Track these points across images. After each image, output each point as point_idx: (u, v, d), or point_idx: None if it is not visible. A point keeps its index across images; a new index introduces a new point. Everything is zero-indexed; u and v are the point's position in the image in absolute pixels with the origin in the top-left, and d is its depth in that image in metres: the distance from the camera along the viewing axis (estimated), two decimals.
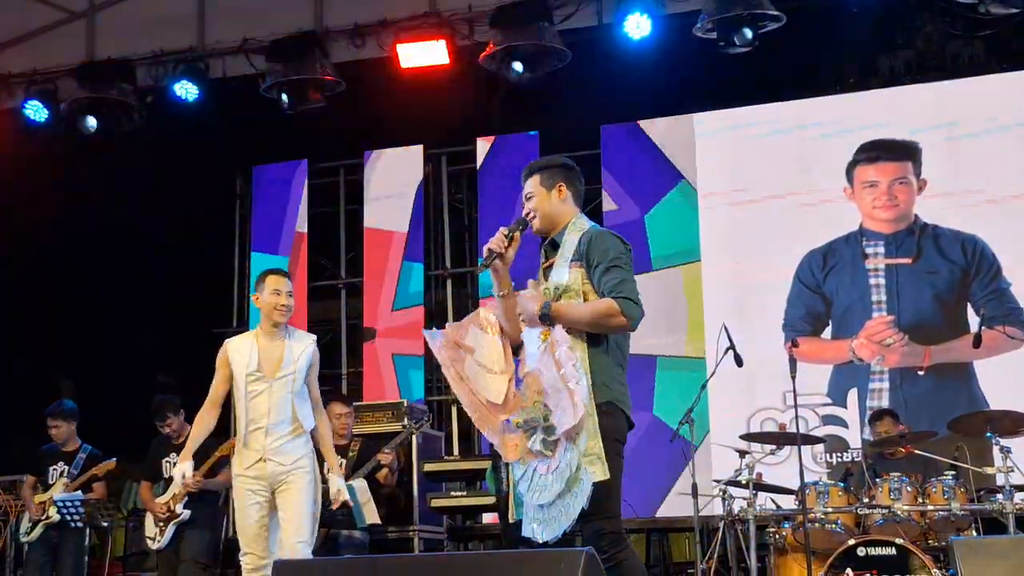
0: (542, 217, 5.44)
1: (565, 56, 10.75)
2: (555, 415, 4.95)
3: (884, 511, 8.13)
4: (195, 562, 9.30)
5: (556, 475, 4.94)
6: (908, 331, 11.07)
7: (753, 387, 10.91)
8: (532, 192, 5.50)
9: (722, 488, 8.81)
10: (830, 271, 11.39)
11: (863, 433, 10.88)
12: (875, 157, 11.42)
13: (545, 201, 5.45)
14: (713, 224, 11.78)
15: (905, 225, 11.30)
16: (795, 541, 8.36)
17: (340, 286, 13.65)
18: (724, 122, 12.06)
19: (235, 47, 11.64)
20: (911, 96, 11.64)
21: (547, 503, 4.96)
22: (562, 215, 5.44)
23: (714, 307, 11.44)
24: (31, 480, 10.14)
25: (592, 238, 5.29)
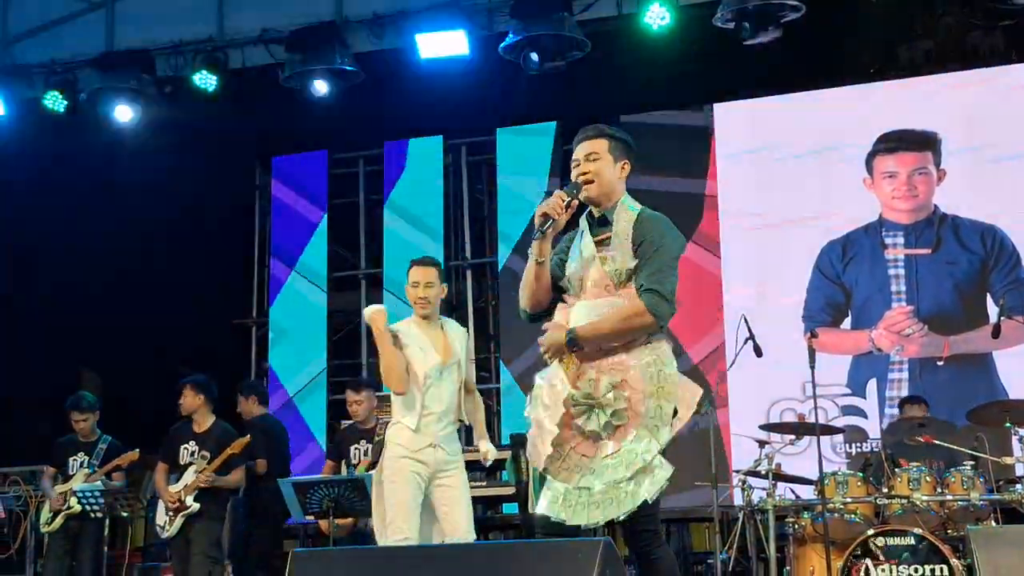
0: (601, 184, 5.11)
1: (585, 46, 10.75)
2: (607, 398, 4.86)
3: (903, 501, 8.11)
4: (204, 555, 9.31)
5: (620, 460, 4.83)
6: (927, 321, 11.06)
7: (772, 377, 10.89)
8: (598, 154, 5.14)
9: (741, 478, 8.81)
10: (850, 261, 11.37)
11: (882, 423, 10.88)
12: (894, 147, 11.40)
13: (610, 169, 5.13)
14: (732, 215, 11.76)
15: (924, 215, 11.28)
16: (814, 531, 8.35)
17: (360, 276, 13.66)
18: (743, 113, 12.06)
19: (254, 37, 11.66)
20: (931, 86, 11.59)
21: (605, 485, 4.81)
22: (616, 192, 5.15)
23: (734, 298, 11.44)
24: (50, 471, 10.18)
25: (647, 220, 5.08)
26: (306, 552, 4.77)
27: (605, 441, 4.88)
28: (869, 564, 7.80)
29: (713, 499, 8.68)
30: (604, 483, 4.81)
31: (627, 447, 4.84)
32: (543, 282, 5.13)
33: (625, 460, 4.82)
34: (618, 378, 4.90)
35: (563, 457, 4.94)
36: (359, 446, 9.54)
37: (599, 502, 4.81)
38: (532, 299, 5.18)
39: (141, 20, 11.99)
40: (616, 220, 5.08)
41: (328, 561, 4.79)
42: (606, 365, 4.95)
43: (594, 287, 5.03)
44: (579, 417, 4.92)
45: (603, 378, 4.92)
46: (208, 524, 9.42)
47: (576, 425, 4.93)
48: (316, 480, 8.86)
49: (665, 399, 4.89)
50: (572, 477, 4.90)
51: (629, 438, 4.85)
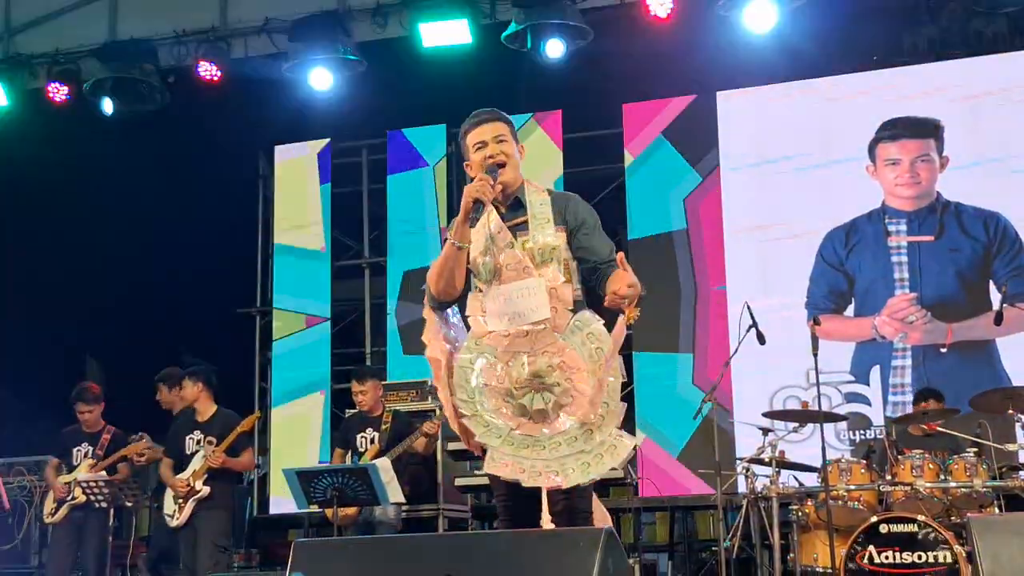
0: (512, 167, 5.04)
1: (587, 34, 10.75)
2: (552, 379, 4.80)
3: (906, 488, 8.12)
4: (213, 543, 9.33)
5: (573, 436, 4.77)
6: (930, 308, 11.06)
7: (776, 365, 10.88)
8: (504, 136, 5.07)
9: (745, 466, 8.82)
10: (852, 249, 11.37)
11: (885, 410, 10.89)
12: (897, 135, 11.39)
13: (515, 152, 5.09)
14: (735, 202, 11.75)
15: (927, 202, 11.27)
16: (818, 518, 8.36)
17: (364, 265, 13.68)
18: (747, 100, 12.04)
19: (257, 27, 11.68)
20: (934, 73, 11.58)
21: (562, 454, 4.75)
22: (521, 174, 5.11)
23: (736, 285, 11.44)
24: (54, 462, 10.20)
25: (572, 199, 5.09)
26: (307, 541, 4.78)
27: (553, 421, 4.83)
28: (873, 551, 7.81)
29: (717, 487, 8.69)
30: (563, 455, 4.76)
31: (579, 425, 4.79)
32: (462, 269, 5.00)
33: (581, 436, 4.78)
34: (556, 359, 4.83)
35: (503, 436, 4.86)
36: (366, 434, 9.57)
37: (557, 469, 4.75)
38: (448, 285, 5.02)
39: (144, 10, 12.00)
40: (530, 202, 5.02)
41: (330, 550, 4.80)
42: (538, 348, 4.85)
43: (509, 271, 4.91)
44: (523, 398, 4.84)
45: (538, 359, 4.83)
46: (216, 512, 9.45)
47: (519, 407, 4.85)
48: (320, 469, 8.89)
49: (609, 374, 4.82)
50: (521, 451, 4.83)
51: (579, 415, 4.80)
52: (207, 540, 9.34)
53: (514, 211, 5.05)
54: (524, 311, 4.87)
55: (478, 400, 4.90)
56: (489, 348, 4.91)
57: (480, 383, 4.91)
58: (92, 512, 9.86)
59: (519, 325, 4.87)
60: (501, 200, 5.05)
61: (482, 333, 4.95)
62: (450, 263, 4.98)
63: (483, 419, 4.88)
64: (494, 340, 4.91)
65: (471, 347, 4.97)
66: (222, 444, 9.40)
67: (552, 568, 4.19)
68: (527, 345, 4.86)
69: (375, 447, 9.38)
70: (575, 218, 5.01)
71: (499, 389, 4.87)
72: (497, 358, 4.89)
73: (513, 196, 5.06)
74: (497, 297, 4.92)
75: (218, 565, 9.32)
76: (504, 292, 4.91)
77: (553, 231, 4.94)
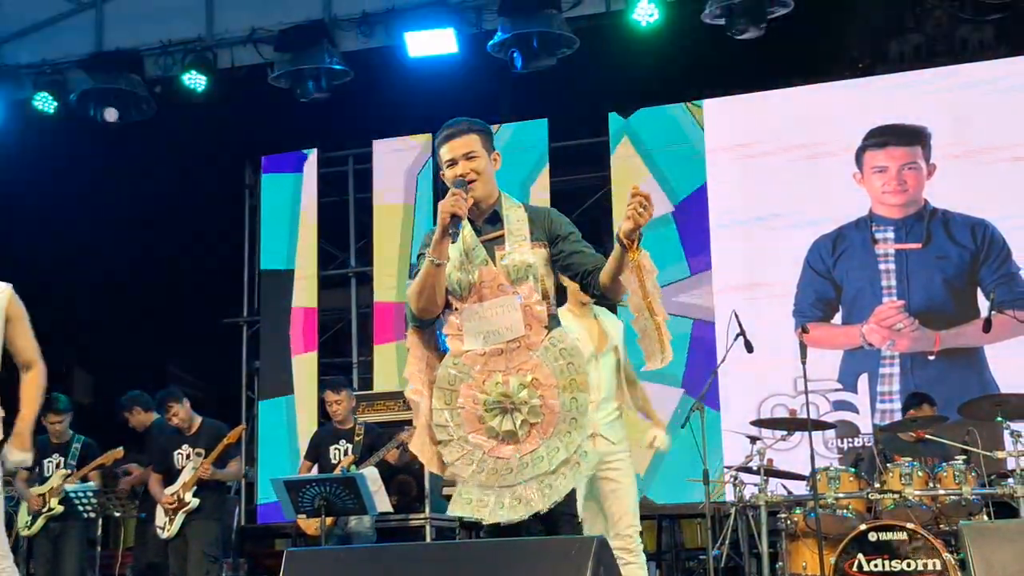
0: (484, 182, 4.91)
1: (573, 43, 10.75)
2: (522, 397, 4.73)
3: (895, 496, 8.12)
4: (203, 553, 9.34)
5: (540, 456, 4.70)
6: (918, 316, 11.07)
7: (763, 373, 10.90)
8: (475, 152, 4.91)
9: (733, 474, 8.81)
10: (840, 256, 11.38)
11: (873, 418, 10.90)
12: (884, 142, 11.42)
13: (487, 165, 4.94)
14: (722, 211, 11.76)
15: (915, 210, 11.29)
16: (807, 526, 8.35)
17: (350, 275, 13.68)
18: (733, 108, 12.05)
19: (243, 37, 11.63)
20: (921, 81, 11.61)
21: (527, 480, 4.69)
22: (495, 187, 4.99)
23: (724, 294, 11.44)
24: (24, 474, 10.18)
25: (550, 213, 4.98)
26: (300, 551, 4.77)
27: (523, 441, 4.76)
28: (862, 559, 7.81)
29: (705, 495, 8.68)
30: (526, 479, 4.71)
31: (547, 443, 4.73)
32: (441, 287, 4.86)
33: (547, 456, 4.71)
34: (528, 377, 4.76)
35: (476, 462, 4.80)
36: (339, 446, 9.56)
37: (521, 497, 4.70)
38: (427, 303, 4.87)
39: (130, 20, 11.96)
40: (507, 217, 4.93)
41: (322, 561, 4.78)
42: (513, 366, 4.79)
43: (485, 288, 4.85)
44: (492, 420, 4.78)
45: (511, 379, 4.77)
46: (207, 523, 9.48)
47: (489, 428, 4.80)
48: (308, 479, 8.87)
49: (579, 390, 4.75)
50: (489, 480, 4.77)
51: (548, 434, 4.74)
52: (197, 550, 9.36)
53: (491, 225, 4.97)
54: (499, 329, 4.82)
55: (455, 423, 4.85)
56: (466, 367, 4.86)
57: (457, 405, 4.85)
58: (70, 523, 9.85)
59: (494, 343, 4.83)
60: (477, 214, 4.95)
61: (459, 352, 4.89)
62: (430, 280, 4.82)
63: (457, 444, 4.83)
64: (471, 359, 4.85)
65: (449, 366, 4.90)
66: (210, 456, 9.40)
67: None
68: (503, 364, 4.81)
69: (350, 458, 9.37)
70: (557, 230, 4.92)
71: (474, 411, 4.81)
72: (473, 378, 4.83)
73: (491, 210, 4.97)
74: (472, 315, 4.86)
75: (208, 575, 9.32)
76: (479, 310, 4.85)
77: (529, 248, 4.86)
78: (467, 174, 4.88)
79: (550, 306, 4.92)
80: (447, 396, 4.88)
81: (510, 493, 4.72)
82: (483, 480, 4.77)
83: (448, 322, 4.94)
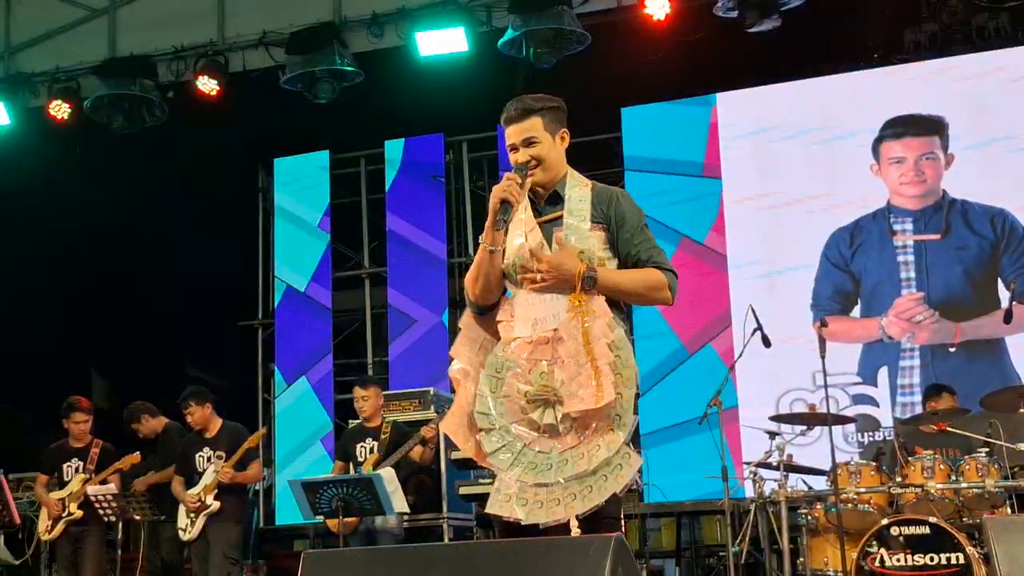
0: (546, 168, 4.80)
1: (584, 39, 10.71)
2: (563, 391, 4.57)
3: (917, 490, 8.06)
4: (224, 555, 9.36)
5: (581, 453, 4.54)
6: (938, 308, 11.00)
7: (782, 368, 10.85)
8: (535, 136, 4.81)
9: (752, 470, 8.76)
10: (858, 249, 11.31)
11: (894, 411, 10.83)
12: (901, 133, 11.35)
13: (551, 149, 4.83)
14: (738, 205, 11.71)
15: (933, 201, 11.22)
16: (828, 522, 8.29)
17: (364, 276, 13.67)
18: (747, 101, 11.99)
19: (254, 40, 11.69)
20: (937, 70, 11.52)
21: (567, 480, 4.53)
22: (561, 166, 4.87)
23: (741, 288, 11.39)
24: (44, 478, 10.19)
25: (616, 195, 4.82)
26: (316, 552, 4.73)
27: (564, 436, 4.60)
28: (884, 554, 7.74)
29: (724, 492, 8.63)
30: (565, 478, 4.55)
31: (588, 440, 4.57)
32: (496, 272, 4.77)
33: (587, 454, 4.54)
34: (573, 370, 4.58)
35: (515, 454, 4.65)
36: (365, 444, 9.53)
37: (560, 498, 4.54)
38: (484, 290, 4.80)
39: (142, 26, 12.03)
40: (568, 197, 4.80)
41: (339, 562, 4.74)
42: (559, 356, 4.62)
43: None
44: (534, 412, 4.63)
45: (556, 370, 4.60)
46: (227, 525, 9.51)
47: (531, 420, 4.64)
48: (325, 480, 8.84)
49: (624, 386, 4.57)
50: (527, 474, 4.61)
51: (590, 431, 4.57)
52: (219, 553, 9.40)
53: (551, 205, 4.83)
54: (546, 316, 4.68)
55: (498, 411, 4.71)
56: (514, 355, 4.71)
57: (502, 393, 4.71)
58: (89, 526, 9.88)
59: (541, 331, 4.67)
60: (539, 194, 4.84)
61: (509, 339, 4.74)
62: (484, 268, 4.75)
63: (498, 433, 4.69)
64: (520, 347, 4.70)
65: (498, 354, 4.76)
66: (231, 459, 9.42)
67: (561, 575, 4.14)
68: (549, 353, 4.65)
69: (374, 456, 9.35)
70: (617, 215, 4.77)
71: (518, 401, 4.67)
72: (520, 366, 4.68)
73: (553, 189, 4.85)
74: (524, 301, 4.73)
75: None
76: (530, 296, 4.71)
77: (588, 230, 4.71)
78: (528, 162, 4.78)
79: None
80: (493, 383, 4.74)
81: (547, 493, 4.56)
82: (520, 475, 4.62)
83: (502, 308, 4.82)
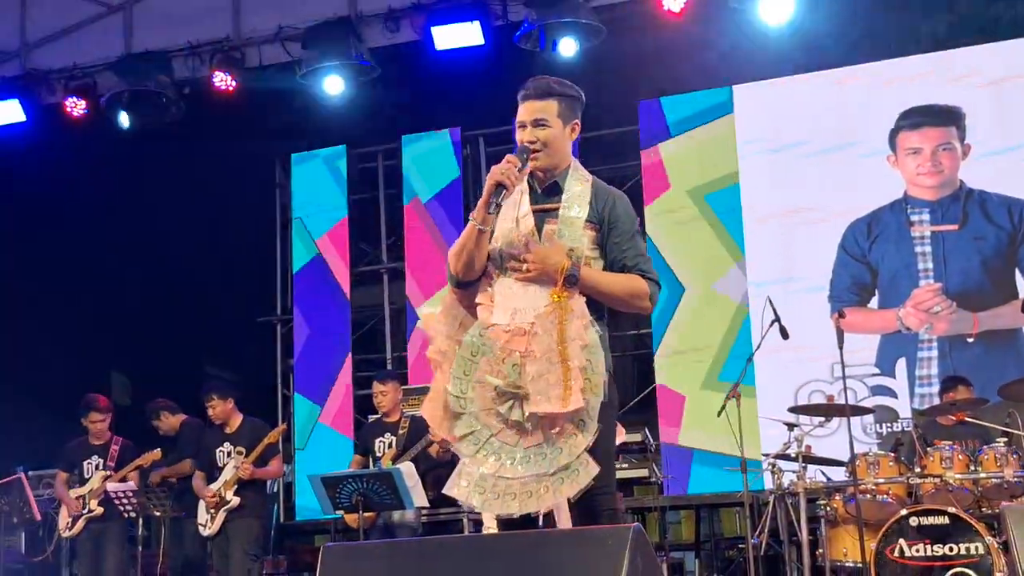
0: (551, 154, 4.71)
1: (600, 32, 10.71)
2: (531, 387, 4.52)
3: (936, 480, 8.06)
4: (244, 551, 9.39)
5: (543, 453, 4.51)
6: (956, 298, 10.97)
7: (800, 360, 10.83)
8: (547, 119, 4.71)
9: (771, 462, 8.76)
10: (875, 240, 11.28)
11: (912, 402, 10.81)
12: (918, 123, 11.31)
13: (559, 136, 4.72)
14: (755, 197, 11.68)
15: (950, 191, 11.18)
16: (847, 513, 8.30)
17: (383, 271, 13.67)
18: (764, 93, 11.96)
19: (270, 35, 11.69)
20: (954, 61, 11.47)
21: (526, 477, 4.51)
22: (566, 157, 4.77)
23: (758, 280, 11.37)
24: (63, 476, 10.24)
25: (614, 197, 4.74)
26: (336, 546, 4.74)
27: (529, 433, 4.55)
28: (903, 544, 7.74)
29: (743, 483, 8.63)
30: (526, 474, 4.52)
31: (552, 440, 4.52)
32: (482, 251, 4.69)
33: (549, 455, 4.50)
34: (545, 367, 4.52)
35: (481, 442, 4.63)
36: (383, 439, 9.56)
37: (517, 493, 4.52)
38: (467, 266, 4.71)
39: (158, 22, 12.03)
40: (568, 189, 4.72)
41: (359, 555, 4.76)
42: (532, 350, 4.56)
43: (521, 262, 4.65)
44: (503, 405, 4.58)
45: (528, 364, 4.55)
46: (248, 520, 9.56)
47: (499, 413, 4.60)
48: (345, 475, 8.86)
49: (592, 393, 4.51)
50: (488, 461, 4.59)
51: (555, 431, 4.52)
52: (239, 549, 9.44)
53: (548, 196, 4.76)
54: (526, 307, 4.61)
55: (469, 396, 4.66)
56: (490, 340, 4.65)
57: (474, 378, 4.66)
58: (110, 523, 9.93)
59: (520, 322, 4.61)
60: (539, 181, 4.78)
61: (486, 324, 4.68)
62: (469, 245, 4.67)
63: (468, 419, 4.66)
64: (495, 333, 4.65)
65: (474, 336, 4.70)
66: (251, 455, 9.46)
67: (580, 568, 4.15)
68: (523, 345, 4.59)
69: (392, 451, 9.38)
70: (611, 218, 4.69)
71: (488, 390, 4.62)
72: (495, 354, 4.63)
73: (552, 180, 4.77)
74: (505, 288, 4.68)
75: (249, 573, 9.38)
76: (512, 284, 4.66)
77: (581, 228, 4.65)
78: (533, 142, 4.70)
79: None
80: (467, 365, 4.68)
81: (505, 486, 4.55)
82: (483, 464, 4.61)
83: (483, 290, 4.76)
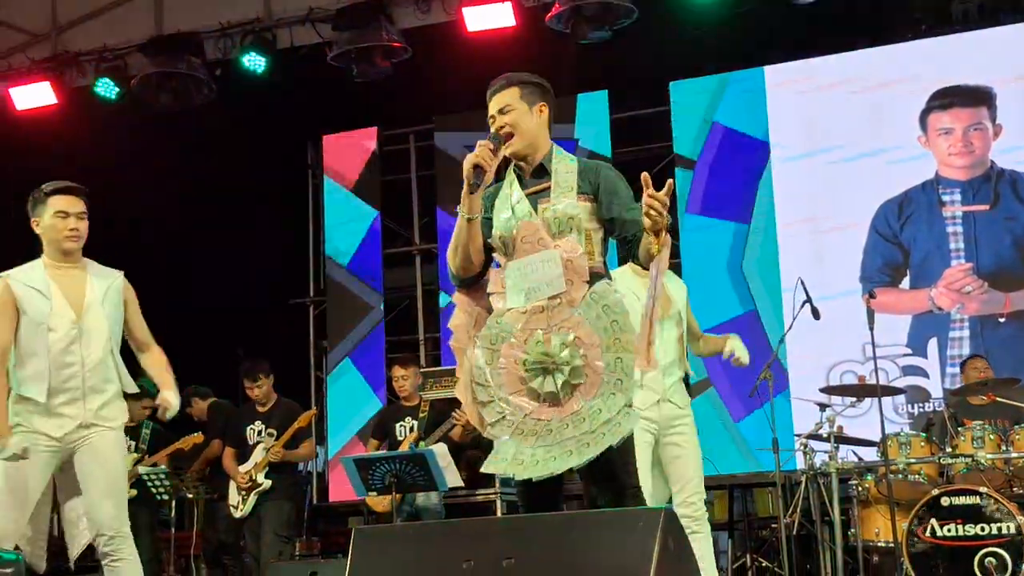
0: (522, 135, 4.87)
1: (631, 12, 10.68)
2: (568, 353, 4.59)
3: (967, 460, 8.05)
4: (275, 534, 9.44)
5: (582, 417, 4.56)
6: (987, 278, 10.93)
7: (831, 340, 10.81)
8: (510, 105, 4.92)
9: (803, 442, 8.76)
10: (907, 220, 11.25)
11: (944, 383, 10.79)
12: (949, 104, 11.27)
13: (527, 118, 4.89)
14: (787, 177, 11.66)
15: (981, 171, 11.14)
16: (878, 493, 8.31)
17: (415, 252, 13.69)
18: (796, 74, 11.92)
19: (301, 16, 11.66)
20: (984, 40, 11.41)
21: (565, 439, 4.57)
22: (543, 139, 4.92)
23: (790, 260, 11.36)
24: None
25: (602, 168, 4.86)
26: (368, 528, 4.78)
27: (564, 402, 4.62)
28: (935, 524, 7.75)
29: (775, 464, 8.64)
30: (565, 439, 4.58)
31: (590, 405, 4.59)
32: (476, 242, 4.84)
33: (589, 417, 4.56)
34: (570, 336, 4.62)
35: (515, 424, 4.69)
36: (404, 423, 9.61)
37: (556, 455, 4.57)
38: (464, 260, 4.86)
39: (189, 3, 12.02)
40: (555, 170, 4.84)
41: (391, 537, 4.79)
42: (554, 324, 4.65)
43: (525, 243, 4.75)
44: (534, 381, 4.66)
45: (552, 337, 4.63)
46: (279, 503, 9.58)
47: (531, 390, 4.67)
48: (378, 456, 8.90)
49: (623, 350, 4.59)
50: (527, 439, 4.66)
51: (591, 395, 4.59)
52: (270, 531, 9.47)
53: (537, 178, 4.89)
54: (539, 285, 4.70)
55: (496, 383, 4.74)
56: (508, 326, 4.74)
57: (499, 365, 4.74)
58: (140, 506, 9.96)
59: (535, 300, 4.70)
60: (525, 168, 4.93)
61: (501, 311, 4.79)
62: (463, 237, 4.81)
63: (498, 405, 4.73)
64: (513, 317, 4.74)
65: (492, 326, 4.79)
66: (281, 438, 9.50)
67: (612, 549, 4.16)
68: (544, 321, 4.67)
69: (414, 434, 9.42)
70: (606, 185, 4.79)
71: (515, 372, 4.69)
72: (515, 337, 4.71)
73: (538, 163, 4.90)
74: (514, 272, 4.76)
75: (281, 555, 9.43)
76: (520, 266, 4.74)
77: (575, 200, 4.75)
78: (502, 128, 4.88)
79: (595, 260, 4.79)
80: (488, 355, 4.77)
81: (545, 452, 4.60)
82: (519, 439, 4.67)
83: (493, 279, 4.86)
